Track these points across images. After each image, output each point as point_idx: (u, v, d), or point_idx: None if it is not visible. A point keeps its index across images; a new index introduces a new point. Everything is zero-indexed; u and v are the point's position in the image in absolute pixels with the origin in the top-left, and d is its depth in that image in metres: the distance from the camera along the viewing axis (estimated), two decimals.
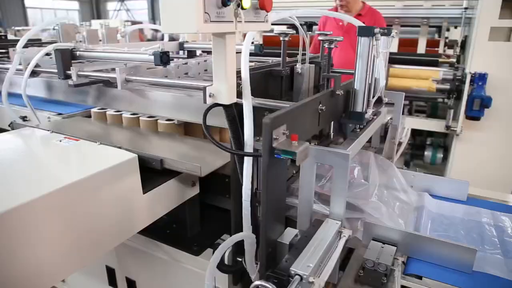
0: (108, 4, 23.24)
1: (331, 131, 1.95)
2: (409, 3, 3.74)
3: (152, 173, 1.24)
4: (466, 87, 3.02)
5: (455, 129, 3.19)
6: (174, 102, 1.44)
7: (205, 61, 1.77)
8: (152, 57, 1.29)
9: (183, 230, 1.40)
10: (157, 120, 1.60)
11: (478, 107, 2.98)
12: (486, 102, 2.97)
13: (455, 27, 4.34)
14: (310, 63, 1.50)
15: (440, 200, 1.63)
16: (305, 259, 0.84)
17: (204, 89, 0.96)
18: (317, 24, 1.48)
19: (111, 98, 1.58)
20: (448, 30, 4.44)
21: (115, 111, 1.69)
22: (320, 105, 1.11)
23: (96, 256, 1.07)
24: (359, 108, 1.28)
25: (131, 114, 1.65)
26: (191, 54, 2.22)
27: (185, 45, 2.18)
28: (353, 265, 1.19)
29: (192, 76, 1.66)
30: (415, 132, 3.97)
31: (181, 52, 2.28)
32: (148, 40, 8.04)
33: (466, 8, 3.32)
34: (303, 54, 1.46)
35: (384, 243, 1.23)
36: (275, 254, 1.00)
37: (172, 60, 1.75)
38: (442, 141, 3.82)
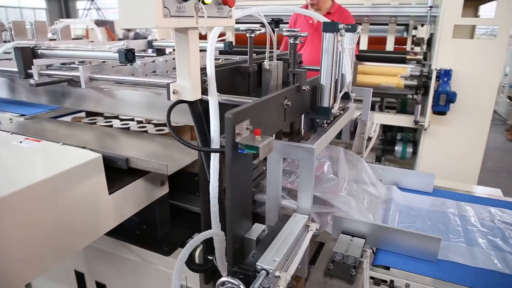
0: (77, 3, 22.61)
1: (302, 128, 1.97)
2: (377, 1, 3.81)
3: (119, 172, 1.22)
4: (433, 83, 3.11)
5: (423, 124, 3.28)
6: (142, 100, 1.41)
7: (173, 59, 1.74)
8: (117, 54, 1.26)
9: (153, 230, 1.38)
10: None
11: (444, 102, 3.08)
12: (451, 97, 3.07)
13: (422, 25, 4.46)
14: (278, 59, 1.51)
15: (408, 192, 1.67)
16: (271, 254, 0.84)
17: (167, 85, 0.95)
18: (284, 22, 1.49)
19: (76, 97, 1.53)
20: (415, 28, 4.56)
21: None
22: (286, 100, 1.12)
23: (61, 259, 1.04)
24: (325, 103, 1.30)
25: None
26: (161, 52, 2.19)
27: (154, 43, 2.15)
28: (323, 258, 1.21)
29: (160, 74, 1.63)
30: (386, 128, 4.06)
31: (150, 50, 2.25)
32: (120, 39, 7.88)
33: (431, 7, 3.41)
34: (271, 51, 1.46)
35: (353, 236, 1.25)
36: (243, 250, 1.00)
37: (143, 58, 1.72)
38: (412, 136, 3.93)
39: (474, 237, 1.34)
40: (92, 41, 2.11)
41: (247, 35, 1.33)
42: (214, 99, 1.00)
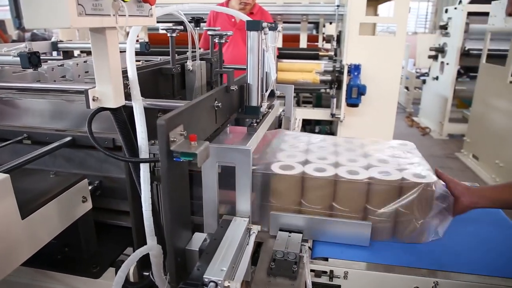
0: None
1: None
2: (289, 0, 3.95)
3: (32, 193, 1.07)
4: (345, 78, 3.32)
5: (339, 116, 3.49)
6: (51, 109, 1.27)
7: (85, 61, 1.59)
8: (18, 58, 1.11)
9: (78, 252, 1.25)
10: None
11: (356, 95, 3.31)
12: (362, 90, 3.31)
13: (330, 23, 4.73)
14: (200, 59, 1.46)
15: None
16: (217, 264, 0.81)
17: (86, 92, 0.85)
18: (205, 20, 1.45)
19: None
20: (324, 26, 4.83)
21: None
22: (216, 101, 1.09)
23: None
24: (254, 102, 1.29)
25: None
26: (68, 55, 2.00)
27: (60, 45, 1.94)
28: (264, 258, 1.20)
29: (70, 79, 1.48)
30: (304, 122, 4.23)
31: (55, 53, 2.04)
32: (14, 41, 7.05)
33: (338, 6, 3.64)
34: (193, 51, 1.41)
35: (290, 232, 1.26)
36: (185, 262, 0.95)
37: (46, 62, 1.54)
38: (329, 128, 4.16)
39: None
40: None
41: (168, 34, 1.26)
42: (139, 104, 0.92)
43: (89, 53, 1.99)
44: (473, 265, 1.18)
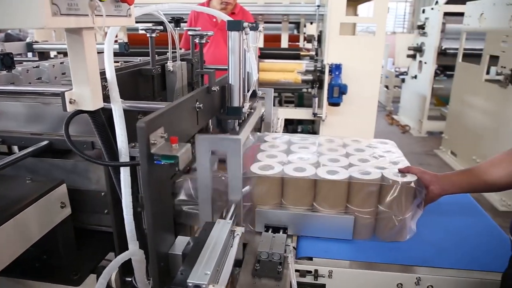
0: None
1: (210, 128, 1.93)
2: (270, 0, 3.96)
3: (6, 199, 1.04)
4: (326, 77, 3.35)
5: (321, 115, 3.51)
6: (27, 112, 1.23)
7: (61, 63, 1.55)
8: None
9: (56, 259, 1.21)
10: None
11: (337, 94, 3.33)
12: (343, 89, 3.34)
13: (311, 23, 4.76)
14: (181, 60, 1.44)
15: None
16: (201, 268, 0.79)
17: (62, 94, 0.82)
18: (185, 20, 1.43)
19: None
20: (305, 26, 4.86)
21: None
22: (197, 103, 1.07)
23: None
24: (235, 103, 1.28)
25: None
26: (44, 56, 1.94)
27: (35, 46, 1.89)
28: (249, 259, 1.19)
29: (46, 81, 1.44)
30: (287, 122, 4.25)
31: (30, 54, 1.98)
32: None
33: (318, 6, 3.66)
34: (174, 51, 1.39)
35: (275, 232, 1.26)
36: (168, 267, 0.93)
37: (21, 63, 1.50)
38: (311, 127, 4.18)
39: None
40: None
41: (148, 35, 1.24)
42: (118, 107, 0.90)
43: (66, 54, 1.94)
44: (453, 259, 1.20)
